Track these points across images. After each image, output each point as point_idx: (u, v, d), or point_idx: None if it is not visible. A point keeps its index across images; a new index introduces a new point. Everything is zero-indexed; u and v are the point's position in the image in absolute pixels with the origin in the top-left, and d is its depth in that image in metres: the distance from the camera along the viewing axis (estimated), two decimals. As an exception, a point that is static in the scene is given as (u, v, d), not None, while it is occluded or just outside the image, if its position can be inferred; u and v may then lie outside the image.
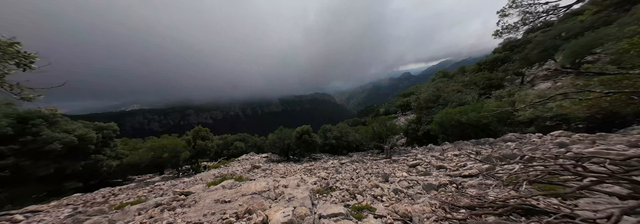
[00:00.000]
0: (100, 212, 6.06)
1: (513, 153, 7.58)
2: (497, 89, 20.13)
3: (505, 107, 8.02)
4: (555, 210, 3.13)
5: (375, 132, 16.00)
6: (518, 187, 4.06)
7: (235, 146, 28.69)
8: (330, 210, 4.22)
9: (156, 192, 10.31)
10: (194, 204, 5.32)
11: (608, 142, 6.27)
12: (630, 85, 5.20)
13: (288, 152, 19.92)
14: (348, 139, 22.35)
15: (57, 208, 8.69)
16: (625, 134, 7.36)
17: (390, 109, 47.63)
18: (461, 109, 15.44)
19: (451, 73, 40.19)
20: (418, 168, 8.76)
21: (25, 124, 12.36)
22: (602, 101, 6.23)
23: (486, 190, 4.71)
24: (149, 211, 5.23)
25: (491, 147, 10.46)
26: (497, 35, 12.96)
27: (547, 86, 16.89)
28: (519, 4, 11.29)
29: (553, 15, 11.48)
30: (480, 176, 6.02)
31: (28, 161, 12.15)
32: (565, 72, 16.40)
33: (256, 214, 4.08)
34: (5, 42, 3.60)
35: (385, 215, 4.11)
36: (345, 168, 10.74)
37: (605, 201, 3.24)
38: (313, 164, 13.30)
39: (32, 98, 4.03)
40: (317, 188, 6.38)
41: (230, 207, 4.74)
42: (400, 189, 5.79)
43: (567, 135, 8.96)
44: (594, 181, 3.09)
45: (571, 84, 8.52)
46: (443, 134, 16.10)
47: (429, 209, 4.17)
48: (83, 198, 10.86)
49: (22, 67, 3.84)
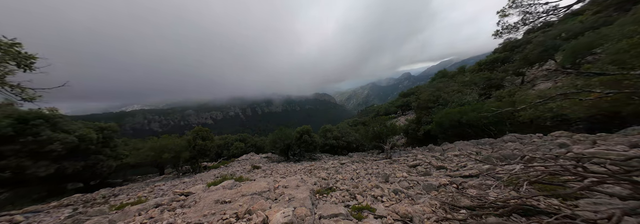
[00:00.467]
0: (100, 212, 6.07)
1: (513, 153, 7.58)
2: (497, 89, 20.14)
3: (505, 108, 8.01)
4: (556, 211, 3.13)
5: (375, 132, 15.98)
6: (518, 187, 4.05)
7: (236, 146, 28.69)
8: (330, 211, 4.22)
9: (156, 192, 10.31)
10: (194, 204, 5.32)
11: (608, 143, 6.27)
12: (631, 85, 5.19)
13: (288, 153, 19.90)
14: (348, 139, 22.34)
15: (57, 209, 8.70)
16: (625, 135, 7.35)
17: (390, 109, 47.62)
18: (461, 109, 15.43)
19: (451, 73, 40.20)
20: (418, 168, 8.75)
21: (25, 125, 12.36)
22: (602, 102, 6.23)
23: (486, 190, 4.71)
24: (149, 211, 5.23)
25: (491, 147, 10.46)
26: (497, 35, 12.96)
27: (547, 86, 16.89)
28: (519, 4, 11.29)
29: (553, 15, 11.48)
30: (481, 176, 6.02)
31: (28, 161, 12.15)
32: (566, 72, 16.40)
33: (256, 215, 4.08)
34: (7, 43, 3.61)
35: (386, 215, 4.10)
36: (345, 168, 10.73)
37: (606, 201, 3.23)
38: (313, 165, 13.29)
39: (33, 98, 4.03)
40: (317, 188, 6.38)
41: (230, 207, 4.74)
42: (400, 189, 5.79)
43: (567, 135, 8.96)
44: (595, 182, 3.09)
45: (571, 84, 8.51)
46: (443, 134, 16.10)
47: (429, 209, 4.16)
48: (83, 199, 10.86)
49: (23, 68, 3.85)
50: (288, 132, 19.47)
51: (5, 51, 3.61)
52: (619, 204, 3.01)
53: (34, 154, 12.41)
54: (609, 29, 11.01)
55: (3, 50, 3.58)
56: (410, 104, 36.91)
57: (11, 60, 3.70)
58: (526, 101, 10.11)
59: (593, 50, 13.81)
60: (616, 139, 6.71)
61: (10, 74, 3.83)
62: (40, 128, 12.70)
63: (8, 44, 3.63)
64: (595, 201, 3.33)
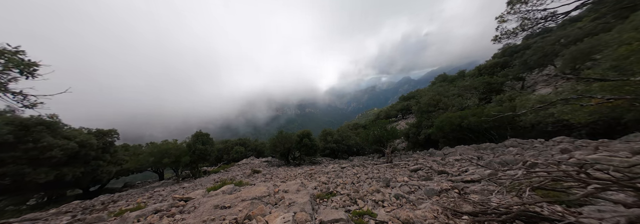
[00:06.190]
0: (99, 219, 6.01)
1: (515, 159, 7.54)
2: (498, 93, 20.16)
3: (506, 113, 8.01)
4: (559, 217, 3.08)
5: (376, 136, 15.93)
6: (521, 193, 4.01)
7: (236, 150, 28.61)
8: (331, 216, 4.17)
9: (155, 198, 10.23)
10: (193, 210, 5.27)
11: (611, 149, 6.24)
12: (632, 91, 5.20)
13: (288, 157, 19.82)
14: (348, 143, 22.29)
15: (56, 216, 8.63)
16: (628, 141, 7.33)
17: (391, 113, 47.59)
18: (462, 113, 15.42)
19: (451, 77, 40.32)
20: (419, 172, 8.69)
21: (26, 131, 12.35)
22: (603, 107, 6.23)
23: (489, 196, 4.66)
24: (148, 217, 5.17)
25: (493, 152, 10.41)
26: (496, 40, 13.05)
27: (547, 91, 16.92)
28: (517, 11, 11.40)
29: (551, 21, 11.58)
30: (483, 181, 5.97)
31: (28, 168, 12.09)
32: (566, 77, 16.44)
33: (256, 220, 4.03)
34: (10, 51, 3.65)
35: (387, 221, 4.05)
36: (345, 172, 10.66)
37: (611, 209, 3.20)
38: (313, 169, 13.22)
39: (34, 105, 4.05)
40: (317, 192, 6.32)
41: (229, 213, 4.69)
42: (401, 194, 5.73)
43: (569, 141, 8.93)
44: (599, 188, 3.06)
45: (572, 89, 8.53)
46: (444, 138, 16.06)
47: (431, 215, 4.12)
48: (82, 205, 10.78)
49: (26, 75, 3.88)
50: (288, 136, 19.45)
51: (9, 59, 3.64)
52: (623, 212, 2.98)
53: (33, 160, 12.37)
54: (608, 35, 11.09)
55: (7, 58, 3.62)
56: (410, 107, 36.92)
57: (14, 67, 3.73)
58: (527, 106, 10.11)
59: (592, 56, 13.89)
60: (618, 146, 6.69)
61: (13, 81, 3.86)
62: (41, 134, 12.70)
63: (12, 51, 3.68)
64: (599, 208, 3.29)
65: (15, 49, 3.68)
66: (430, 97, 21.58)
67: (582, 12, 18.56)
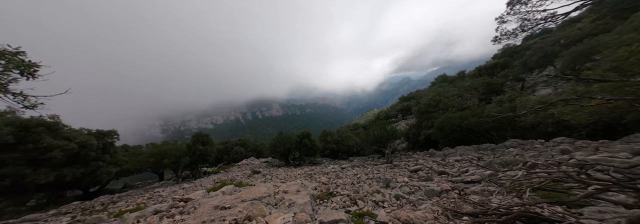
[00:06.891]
0: (98, 220, 6.00)
1: (515, 159, 7.54)
2: (498, 94, 20.15)
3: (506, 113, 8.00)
4: (560, 218, 3.08)
5: (376, 136, 15.92)
6: (521, 194, 4.00)
7: (236, 150, 28.61)
8: (331, 216, 4.17)
9: (155, 199, 10.22)
10: (193, 211, 5.26)
11: (611, 150, 6.24)
12: (632, 92, 5.20)
13: (288, 157, 19.80)
14: (348, 143, 22.27)
15: (56, 217, 8.62)
16: (628, 142, 7.32)
17: (391, 113, 47.56)
18: (462, 114, 15.42)
19: (451, 78, 40.31)
20: (419, 173, 8.69)
21: (27, 132, 12.34)
22: (603, 108, 6.23)
23: (489, 197, 4.66)
24: (148, 218, 5.16)
25: (493, 153, 10.41)
26: (496, 41, 13.08)
27: (547, 92, 16.92)
28: (517, 11, 11.43)
29: (551, 22, 11.61)
30: (483, 182, 5.97)
31: (28, 169, 12.07)
32: (565, 78, 16.44)
33: (256, 221, 4.03)
34: (11, 52, 3.66)
35: (387, 222, 4.05)
36: (345, 172, 10.66)
37: (611, 209, 3.19)
38: (313, 169, 13.21)
39: (35, 106, 4.05)
40: (317, 193, 6.32)
41: (229, 213, 4.68)
42: (401, 195, 5.73)
43: (569, 142, 8.92)
44: (599, 189, 3.05)
45: (572, 90, 8.53)
46: (444, 139, 16.04)
47: (431, 215, 4.11)
48: (82, 206, 10.77)
49: (26, 76, 3.88)
50: (288, 137, 19.43)
51: (9, 60, 3.65)
52: (624, 213, 2.97)
53: (34, 161, 12.35)
54: (608, 36, 11.10)
55: (7, 59, 3.63)
56: (410, 108, 36.93)
57: (15, 68, 3.74)
58: (527, 107, 10.12)
59: (592, 57, 13.88)
60: (619, 146, 6.68)
61: (14, 82, 3.86)
62: (41, 135, 12.69)
63: (12, 52, 3.68)
64: (600, 209, 3.29)
65: (15, 49, 3.69)
66: (431, 98, 21.58)
67: (582, 13, 18.58)
